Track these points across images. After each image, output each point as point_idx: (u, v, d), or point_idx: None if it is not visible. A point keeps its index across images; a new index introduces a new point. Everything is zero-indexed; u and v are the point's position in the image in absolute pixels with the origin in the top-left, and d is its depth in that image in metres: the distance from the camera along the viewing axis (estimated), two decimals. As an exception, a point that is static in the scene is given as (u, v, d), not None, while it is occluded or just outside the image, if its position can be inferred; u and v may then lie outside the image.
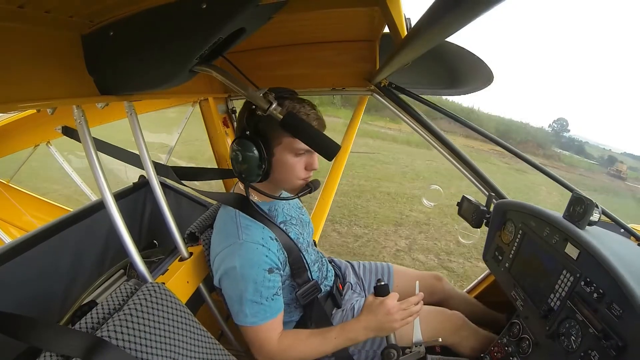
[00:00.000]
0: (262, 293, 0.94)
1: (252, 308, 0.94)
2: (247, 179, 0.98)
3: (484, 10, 0.41)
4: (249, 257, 0.94)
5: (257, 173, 0.96)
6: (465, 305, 1.43)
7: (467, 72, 1.67)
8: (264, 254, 0.95)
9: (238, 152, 0.94)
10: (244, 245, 0.95)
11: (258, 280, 0.94)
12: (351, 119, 1.93)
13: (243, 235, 0.97)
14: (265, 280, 0.94)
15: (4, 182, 2.39)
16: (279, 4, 0.70)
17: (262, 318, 0.95)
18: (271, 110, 0.74)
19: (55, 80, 0.70)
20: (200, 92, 1.62)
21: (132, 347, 0.70)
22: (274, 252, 0.98)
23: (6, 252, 1.06)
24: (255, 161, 0.94)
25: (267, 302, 0.95)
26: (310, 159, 1.00)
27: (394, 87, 1.52)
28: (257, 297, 0.94)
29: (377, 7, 1.01)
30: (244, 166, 0.95)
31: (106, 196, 0.84)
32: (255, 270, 0.94)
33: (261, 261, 0.95)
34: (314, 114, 0.96)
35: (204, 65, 0.70)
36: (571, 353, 0.87)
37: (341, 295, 1.30)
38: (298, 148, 0.95)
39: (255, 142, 0.93)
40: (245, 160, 0.94)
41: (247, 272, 0.93)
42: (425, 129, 1.52)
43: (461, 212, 1.51)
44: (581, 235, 0.93)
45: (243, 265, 0.93)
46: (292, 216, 1.17)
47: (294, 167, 0.98)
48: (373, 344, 1.15)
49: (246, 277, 0.93)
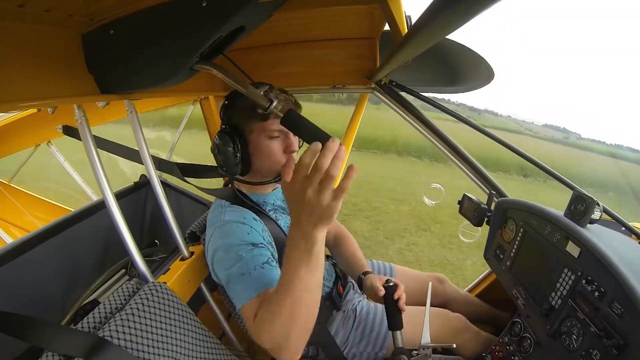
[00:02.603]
0: (248, 263, 0.85)
1: (242, 282, 0.82)
2: (228, 171, 1.00)
3: (483, 8, 0.41)
4: (231, 234, 0.90)
5: (234, 163, 0.97)
6: (467, 306, 1.43)
7: (468, 69, 1.66)
8: (245, 232, 0.91)
9: (215, 146, 0.98)
10: (225, 225, 0.93)
11: (243, 253, 0.86)
12: (352, 117, 1.92)
13: (225, 217, 0.96)
14: (250, 253, 0.86)
15: (5, 182, 2.39)
16: (278, 1, 0.70)
17: (254, 289, 0.80)
18: (272, 109, 0.74)
19: (55, 80, 0.70)
20: (201, 91, 1.62)
21: (133, 347, 0.70)
22: (258, 231, 0.94)
23: (8, 252, 1.07)
24: (230, 152, 0.96)
25: (255, 271, 0.84)
26: (287, 141, 0.99)
27: (394, 85, 1.51)
28: (244, 269, 0.84)
29: (377, 5, 1.00)
30: (221, 159, 0.98)
31: (107, 196, 0.84)
32: (237, 247, 0.87)
33: (244, 236, 0.90)
34: (283, 97, 0.98)
35: (204, 63, 0.70)
36: (572, 352, 0.87)
37: (341, 297, 1.29)
38: (270, 129, 0.96)
39: (229, 133, 0.96)
40: (221, 153, 0.97)
41: (231, 248, 0.87)
42: (426, 127, 1.51)
43: (462, 210, 1.51)
44: (582, 234, 0.93)
45: (225, 242, 0.89)
46: (283, 208, 1.15)
47: (272, 151, 0.97)
48: (374, 346, 1.15)
49: (231, 253, 0.87)
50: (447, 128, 1.52)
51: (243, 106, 0.97)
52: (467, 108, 7.31)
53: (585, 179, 10.11)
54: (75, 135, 1.49)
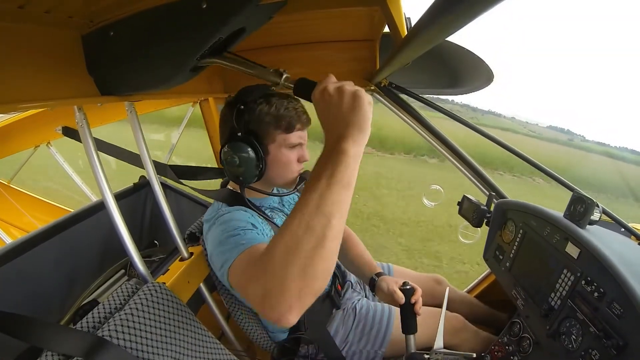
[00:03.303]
0: (238, 227, 0.83)
1: (230, 242, 0.79)
2: (245, 181, 0.96)
3: (484, 10, 0.41)
4: (232, 217, 0.88)
5: (254, 174, 0.95)
6: (466, 306, 1.43)
7: (468, 71, 1.66)
8: (247, 216, 0.91)
9: (234, 155, 0.92)
10: (226, 214, 0.91)
11: (241, 229, 0.82)
12: None
13: (224, 210, 0.95)
14: (250, 231, 0.83)
15: (5, 182, 2.39)
16: (279, 3, 0.70)
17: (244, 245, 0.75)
18: (283, 82, 0.75)
19: (55, 81, 0.70)
20: (201, 92, 1.62)
21: (133, 347, 0.70)
22: (259, 222, 0.92)
23: (7, 253, 1.07)
24: (253, 162, 0.93)
25: (244, 232, 0.82)
26: (301, 151, 1.02)
27: (394, 87, 1.51)
28: (234, 231, 0.82)
29: (377, 7, 1.00)
30: (241, 169, 0.93)
31: (107, 197, 0.84)
32: (237, 222, 0.85)
33: (246, 218, 0.89)
34: (300, 107, 0.99)
35: (208, 58, 0.70)
36: (572, 352, 0.87)
37: (340, 295, 1.29)
38: (292, 142, 0.97)
39: (250, 142, 0.92)
40: (242, 163, 0.93)
41: (231, 223, 0.85)
42: (425, 129, 1.51)
43: (462, 211, 1.52)
44: (582, 235, 0.93)
45: (225, 224, 0.86)
46: (279, 208, 1.16)
47: (290, 162, 0.99)
48: (374, 345, 1.15)
49: (229, 225, 0.84)
50: (437, 124, 1.52)
51: (266, 115, 0.94)
52: (470, 109, 7.21)
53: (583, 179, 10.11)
54: (74, 136, 1.49)
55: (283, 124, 0.95)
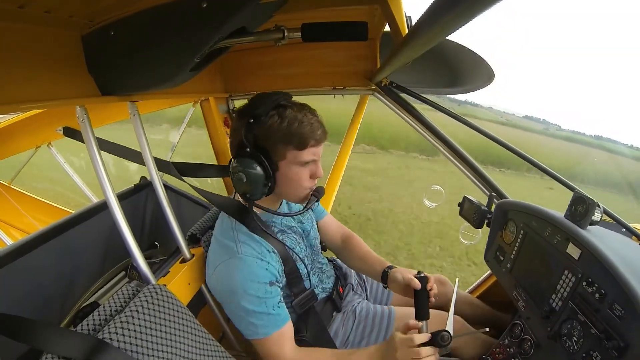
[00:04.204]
0: (266, 303, 0.92)
1: (260, 319, 0.92)
2: (252, 198, 0.93)
3: (484, 8, 0.41)
4: (250, 271, 0.91)
5: (262, 192, 0.93)
6: (469, 308, 1.42)
7: (468, 70, 1.66)
8: (264, 268, 0.93)
9: (241, 173, 0.90)
10: (243, 260, 0.92)
11: (260, 294, 0.91)
12: (352, 118, 1.92)
13: (242, 249, 0.94)
14: (268, 292, 0.92)
15: (5, 184, 2.39)
16: (279, 2, 0.70)
17: (272, 327, 0.93)
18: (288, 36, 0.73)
19: (55, 81, 0.70)
20: (201, 92, 1.62)
21: (133, 349, 0.70)
22: (273, 264, 0.96)
23: (8, 254, 1.06)
24: (261, 180, 0.90)
25: (274, 311, 0.93)
26: (314, 167, 0.96)
27: (394, 86, 1.51)
28: (262, 307, 0.92)
29: (377, 6, 1.00)
30: (249, 186, 0.91)
31: (109, 197, 0.84)
32: (257, 285, 0.91)
33: (261, 275, 0.92)
34: (316, 122, 0.93)
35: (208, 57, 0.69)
36: (573, 354, 0.87)
37: (341, 298, 1.29)
38: (304, 160, 0.92)
39: (258, 159, 0.89)
40: (249, 180, 0.90)
41: (249, 286, 0.90)
42: (426, 128, 1.51)
43: (462, 212, 1.51)
44: (583, 235, 0.93)
45: (244, 279, 0.90)
46: (289, 226, 1.14)
47: (301, 179, 0.95)
48: (377, 339, 1.15)
49: (249, 292, 0.90)
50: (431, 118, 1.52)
51: (276, 131, 0.89)
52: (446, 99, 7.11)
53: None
54: (75, 136, 1.49)
55: (295, 141, 0.89)
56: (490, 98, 69.47)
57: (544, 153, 11.14)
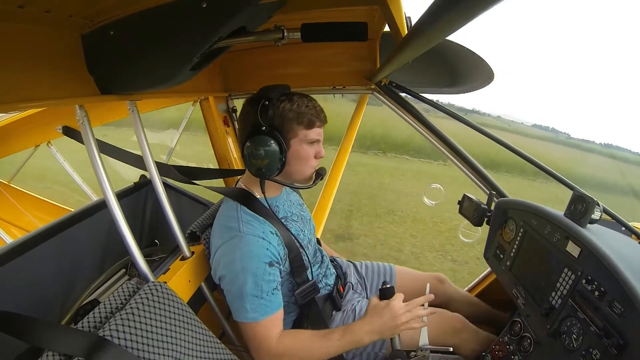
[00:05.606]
0: (262, 287, 0.95)
1: (252, 302, 0.95)
2: (267, 173, 1.00)
3: (484, 9, 0.41)
4: (250, 250, 0.95)
5: (277, 167, 1.00)
6: (467, 306, 1.43)
7: (468, 70, 1.66)
8: (264, 247, 0.96)
9: (259, 148, 0.97)
10: (244, 238, 0.96)
11: (258, 273, 0.94)
12: (352, 118, 1.93)
13: (244, 228, 0.98)
14: (266, 273, 0.95)
15: (5, 182, 2.39)
16: (278, 2, 0.70)
17: (262, 313, 0.95)
18: (288, 36, 0.75)
19: (55, 80, 0.70)
20: (201, 91, 1.62)
21: (134, 346, 0.70)
22: (275, 245, 0.99)
23: (7, 252, 1.06)
24: (277, 154, 0.98)
25: (267, 297, 0.96)
26: (318, 147, 1.07)
27: (394, 86, 1.51)
28: (257, 291, 0.94)
29: (377, 6, 1.00)
30: (265, 161, 0.98)
31: (109, 196, 0.84)
32: (256, 263, 0.95)
33: (262, 254, 0.96)
34: (319, 107, 1.04)
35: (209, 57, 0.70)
36: (572, 351, 0.87)
37: (341, 297, 1.29)
38: (312, 138, 1.03)
39: (274, 136, 0.97)
40: (267, 155, 0.97)
41: (248, 265, 0.94)
42: (426, 128, 1.51)
43: (462, 210, 1.51)
44: (582, 234, 0.93)
45: (243, 257, 0.95)
46: (292, 212, 1.18)
47: (309, 157, 1.05)
48: (374, 347, 1.15)
49: (246, 270, 0.94)
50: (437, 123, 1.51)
51: (289, 111, 0.99)
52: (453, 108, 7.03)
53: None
54: (75, 136, 1.49)
55: (305, 120, 1.01)
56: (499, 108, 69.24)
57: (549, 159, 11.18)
